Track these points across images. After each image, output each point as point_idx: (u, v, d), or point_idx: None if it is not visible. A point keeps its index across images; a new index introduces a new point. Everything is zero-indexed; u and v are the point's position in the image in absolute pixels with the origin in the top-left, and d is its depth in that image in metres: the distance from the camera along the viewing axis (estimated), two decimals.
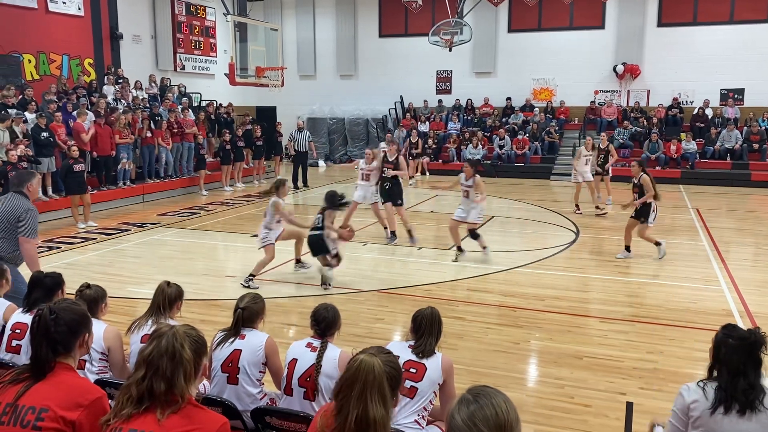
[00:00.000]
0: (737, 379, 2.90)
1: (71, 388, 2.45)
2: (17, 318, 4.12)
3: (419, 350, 3.62)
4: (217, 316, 6.98)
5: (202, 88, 21.81)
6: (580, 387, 5.34)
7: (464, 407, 1.76)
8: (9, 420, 2.37)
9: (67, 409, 2.36)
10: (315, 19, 25.02)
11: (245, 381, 3.76)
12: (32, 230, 5.58)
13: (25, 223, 5.51)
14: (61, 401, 2.38)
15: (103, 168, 14.69)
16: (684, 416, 3.00)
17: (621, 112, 21.39)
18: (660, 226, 12.79)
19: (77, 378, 2.55)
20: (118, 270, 9.20)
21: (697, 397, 2.96)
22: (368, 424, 2.18)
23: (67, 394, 2.41)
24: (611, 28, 21.51)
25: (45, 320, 2.54)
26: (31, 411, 2.36)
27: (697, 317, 7.10)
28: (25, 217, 5.51)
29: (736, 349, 2.94)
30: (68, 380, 2.49)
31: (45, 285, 4.20)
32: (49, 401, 2.38)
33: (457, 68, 23.24)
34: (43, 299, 4.11)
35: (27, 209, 5.56)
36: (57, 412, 2.35)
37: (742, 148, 19.03)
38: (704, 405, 2.93)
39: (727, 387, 2.90)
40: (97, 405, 2.42)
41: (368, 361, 2.26)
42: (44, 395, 2.40)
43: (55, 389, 2.43)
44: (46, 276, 4.26)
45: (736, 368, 2.91)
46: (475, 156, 20.72)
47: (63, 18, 17.25)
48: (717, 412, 2.89)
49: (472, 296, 7.90)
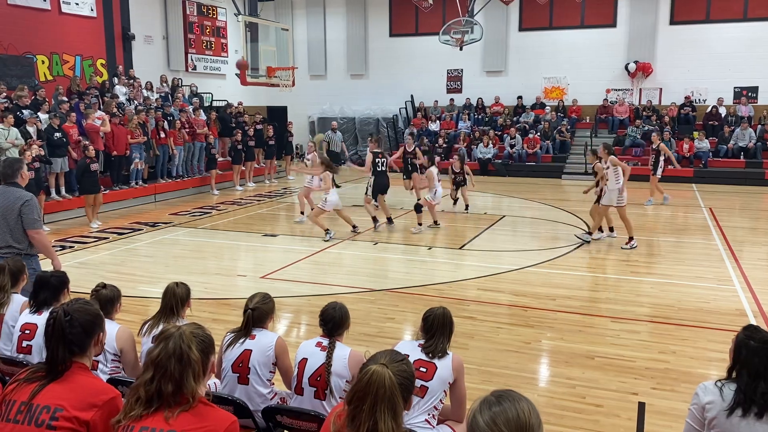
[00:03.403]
0: (757, 382, 2.85)
1: (85, 388, 2.46)
2: (25, 318, 4.12)
3: (430, 350, 3.60)
4: (228, 315, 7.01)
5: (214, 88, 21.89)
6: (592, 387, 5.31)
7: (487, 409, 1.76)
8: (24, 419, 2.38)
9: (81, 410, 2.38)
10: (325, 19, 25.05)
11: (256, 381, 3.77)
12: (37, 221, 5.42)
13: (29, 216, 5.33)
14: (75, 401, 2.39)
15: (116, 167, 14.83)
16: (700, 416, 2.96)
17: (633, 110, 21.28)
18: (673, 225, 12.73)
19: (91, 378, 2.56)
20: (131, 269, 9.26)
21: (713, 398, 2.92)
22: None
23: (82, 394, 2.42)
24: (623, 26, 21.37)
25: (60, 322, 2.55)
26: (46, 410, 2.37)
27: (710, 317, 7.04)
28: (26, 210, 5.33)
29: (757, 352, 2.89)
30: (83, 380, 2.50)
31: (51, 285, 4.19)
32: (64, 401, 2.39)
33: (468, 67, 23.19)
34: (50, 299, 4.15)
35: (25, 201, 5.35)
36: (71, 412, 2.36)
37: (755, 147, 18.86)
38: (720, 406, 2.88)
39: (747, 389, 2.85)
40: (111, 405, 2.43)
41: (380, 374, 2.22)
42: (59, 395, 2.41)
43: (70, 389, 2.44)
44: (52, 276, 4.26)
45: (756, 371, 2.86)
46: (486, 156, 20.70)
47: (76, 19, 17.38)
48: (734, 414, 2.84)
49: (483, 296, 7.88)
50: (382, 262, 9.77)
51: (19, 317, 4.21)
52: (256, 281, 8.53)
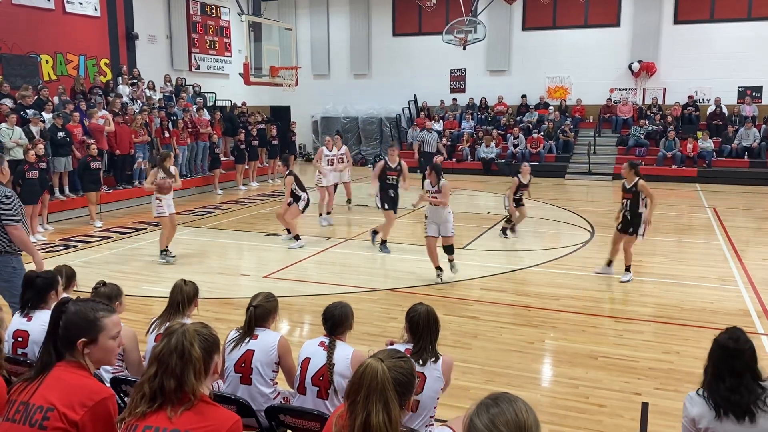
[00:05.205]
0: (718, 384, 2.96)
1: (77, 388, 2.43)
2: (16, 325, 3.98)
3: (418, 356, 3.45)
4: (231, 314, 7.02)
5: (217, 87, 21.91)
6: (595, 387, 5.31)
7: (484, 411, 1.76)
8: (21, 418, 2.38)
9: (71, 409, 2.36)
10: (329, 19, 25.05)
11: (258, 381, 3.77)
12: (16, 216, 5.27)
13: (6, 211, 5.21)
14: (66, 401, 2.37)
15: (120, 167, 14.86)
16: (693, 428, 3.04)
17: (636, 110, 21.23)
18: (677, 225, 12.70)
19: (85, 378, 2.52)
20: (135, 268, 9.28)
21: (700, 409, 2.99)
22: (370, 430, 2.18)
23: (73, 394, 2.40)
24: (627, 26, 21.32)
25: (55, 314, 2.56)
26: (39, 410, 2.37)
27: (714, 317, 7.02)
28: (4, 205, 5.21)
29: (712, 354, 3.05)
30: (75, 380, 2.47)
31: (35, 286, 4.06)
32: (55, 401, 2.37)
33: (471, 67, 23.16)
34: (34, 300, 4.03)
35: (2, 196, 5.23)
36: (61, 411, 2.35)
37: (760, 147, 18.80)
38: (710, 415, 2.96)
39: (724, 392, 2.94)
40: (102, 406, 2.40)
41: (373, 366, 2.23)
42: (51, 394, 2.40)
43: (62, 389, 2.42)
44: (37, 276, 4.12)
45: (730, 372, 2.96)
46: (489, 155, 20.67)
47: (80, 19, 17.41)
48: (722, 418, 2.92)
49: (486, 295, 7.87)
50: (385, 262, 9.76)
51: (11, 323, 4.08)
52: (259, 281, 8.54)
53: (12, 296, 5.38)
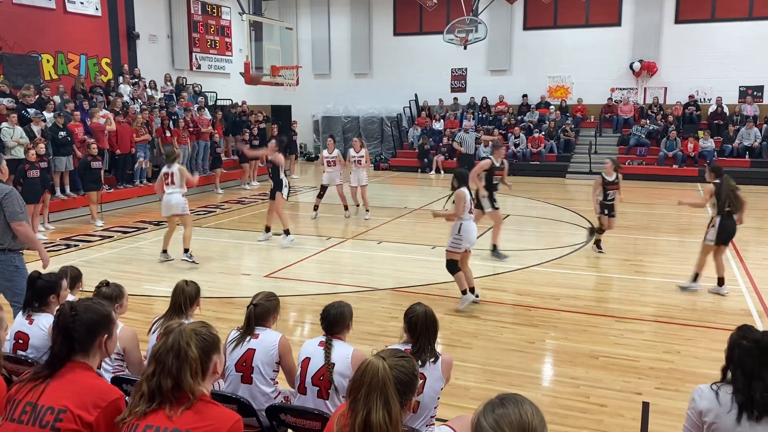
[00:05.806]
0: (752, 382, 2.82)
1: (89, 389, 2.44)
2: (18, 326, 3.93)
3: (418, 356, 3.44)
4: (231, 314, 7.02)
5: (218, 87, 21.91)
6: (596, 387, 5.31)
7: (490, 412, 1.77)
8: (28, 419, 2.37)
9: (85, 410, 2.36)
10: (330, 18, 25.05)
11: (259, 380, 3.76)
12: (19, 213, 5.30)
13: (10, 208, 5.24)
14: (79, 402, 2.38)
15: (121, 166, 14.87)
16: (698, 420, 2.94)
17: (637, 109, 21.22)
18: (678, 225, 12.70)
19: (95, 379, 2.54)
20: (136, 268, 9.28)
21: (710, 404, 2.89)
22: (370, 428, 2.18)
23: (86, 395, 2.41)
24: (628, 25, 21.30)
25: (65, 317, 2.54)
26: (50, 411, 2.36)
27: (715, 317, 7.02)
28: (8, 203, 5.23)
29: (749, 351, 2.87)
30: (86, 381, 2.48)
31: (36, 288, 3.98)
32: (68, 402, 2.37)
33: (472, 66, 23.15)
34: (34, 301, 3.98)
35: (6, 194, 5.26)
36: (75, 412, 2.35)
37: (761, 146, 18.78)
38: (718, 411, 2.86)
39: (744, 390, 2.82)
40: (114, 406, 2.42)
41: (374, 364, 2.23)
42: (63, 396, 2.40)
43: (74, 390, 2.42)
44: (39, 277, 4.04)
45: (751, 371, 2.84)
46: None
47: (81, 18, 17.41)
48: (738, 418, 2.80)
49: (487, 295, 7.86)
50: (386, 261, 9.76)
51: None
52: (260, 280, 8.54)
53: (14, 295, 5.38)
